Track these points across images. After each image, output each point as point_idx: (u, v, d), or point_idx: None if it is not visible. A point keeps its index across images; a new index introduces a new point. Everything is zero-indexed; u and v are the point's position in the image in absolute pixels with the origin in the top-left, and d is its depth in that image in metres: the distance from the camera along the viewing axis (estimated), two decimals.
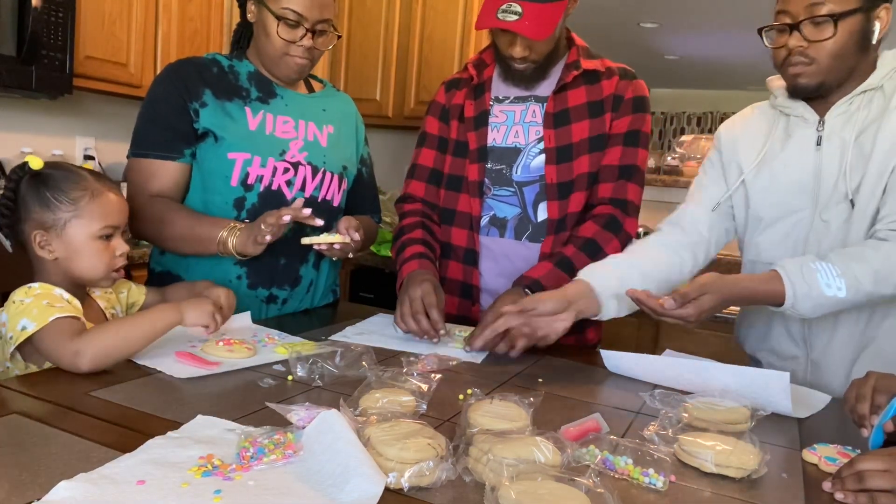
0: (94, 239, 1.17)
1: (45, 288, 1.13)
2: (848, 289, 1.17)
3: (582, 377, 1.28)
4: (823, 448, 0.98)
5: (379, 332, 1.48)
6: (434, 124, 1.69)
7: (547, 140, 1.55)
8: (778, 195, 1.37)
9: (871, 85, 1.28)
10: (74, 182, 1.17)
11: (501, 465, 0.77)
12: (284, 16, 1.44)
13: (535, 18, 1.40)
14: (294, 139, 1.55)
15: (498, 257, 1.60)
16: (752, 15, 5.58)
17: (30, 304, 1.09)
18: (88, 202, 1.17)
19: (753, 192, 1.41)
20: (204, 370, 1.11)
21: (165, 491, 0.72)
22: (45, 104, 2.57)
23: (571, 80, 1.55)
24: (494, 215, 1.61)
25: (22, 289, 1.13)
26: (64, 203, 1.15)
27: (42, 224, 1.15)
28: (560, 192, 1.55)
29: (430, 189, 1.68)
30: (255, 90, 1.53)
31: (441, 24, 3.06)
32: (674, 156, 3.15)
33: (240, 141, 1.48)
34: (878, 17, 1.25)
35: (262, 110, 1.52)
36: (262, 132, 1.51)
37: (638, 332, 2.42)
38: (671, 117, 9.94)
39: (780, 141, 1.39)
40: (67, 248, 1.16)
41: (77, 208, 1.16)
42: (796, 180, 1.35)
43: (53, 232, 1.15)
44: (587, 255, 1.48)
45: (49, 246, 1.16)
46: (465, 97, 1.64)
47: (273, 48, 1.48)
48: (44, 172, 1.17)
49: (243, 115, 1.50)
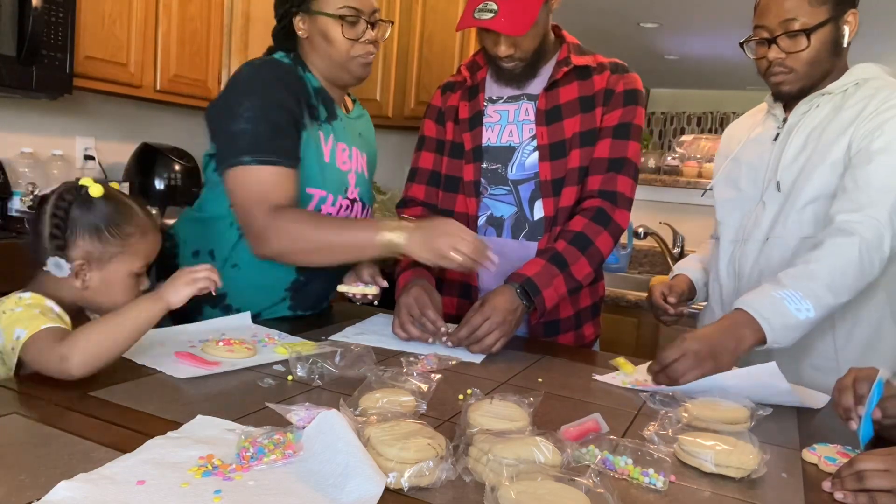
0: (131, 276, 1.17)
1: (36, 298, 1.09)
2: (815, 308, 1.20)
3: (582, 377, 1.28)
4: (823, 448, 0.97)
5: (379, 333, 1.48)
6: (431, 127, 1.70)
7: (539, 137, 1.56)
8: (738, 179, 1.54)
9: (832, 90, 1.39)
10: (128, 218, 1.16)
11: (501, 465, 0.77)
12: (344, 14, 1.41)
13: (510, 14, 1.40)
14: (349, 171, 1.52)
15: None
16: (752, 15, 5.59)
17: (20, 314, 1.04)
18: (137, 240, 1.16)
19: (723, 177, 1.59)
20: (204, 370, 1.11)
21: (165, 491, 0.72)
22: (45, 104, 2.57)
23: (562, 77, 1.55)
24: (491, 215, 1.61)
25: (11, 298, 1.09)
26: (116, 238, 1.14)
27: (88, 254, 1.12)
28: (554, 188, 1.55)
29: (431, 191, 1.69)
30: (323, 108, 1.48)
31: (441, 24, 3.06)
32: (674, 156, 3.14)
33: (316, 175, 1.43)
34: (847, 22, 1.36)
35: (330, 135, 1.48)
36: (334, 165, 1.47)
37: (637, 331, 2.42)
38: (671, 117, 9.95)
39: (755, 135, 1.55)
40: (103, 281, 1.14)
41: (126, 245, 1.15)
42: (754, 167, 1.51)
43: (96, 263, 1.13)
44: (577, 248, 1.47)
45: (85, 276, 1.13)
46: (460, 99, 1.65)
47: (338, 53, 1.44)
48: (97, 201, 1.13)
49: (319, 142, 1.45)
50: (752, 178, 1.51)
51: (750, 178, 1.51)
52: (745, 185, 1.52)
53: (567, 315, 1.63)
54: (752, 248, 1.48)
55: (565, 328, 1.63)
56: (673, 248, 2.91)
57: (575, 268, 1.46)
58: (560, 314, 1.61)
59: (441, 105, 1.70)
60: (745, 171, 1.52)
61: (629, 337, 2.42)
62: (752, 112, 1.64)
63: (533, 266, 1.45)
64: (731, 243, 1.54)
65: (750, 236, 1.48)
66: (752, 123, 1.58)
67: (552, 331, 1.62)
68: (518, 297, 1.40)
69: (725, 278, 1.54)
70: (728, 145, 1.62)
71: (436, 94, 1.73)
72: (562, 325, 1.63)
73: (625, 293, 2.44)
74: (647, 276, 2.91)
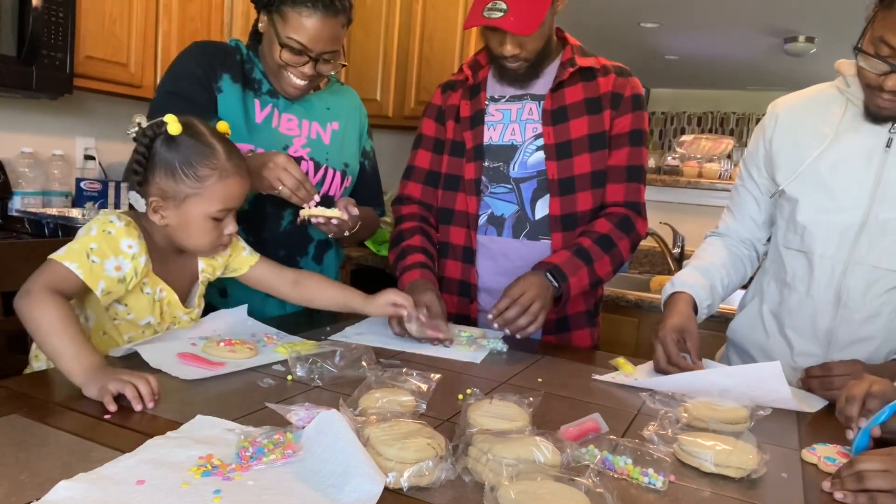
0: (207, 218, 1.18)
1: (119, 232, 1.14)
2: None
3: (582, 377, 1.28)
4: (823, 448, 0.98)
5: (379, 332, 1.48)
6: (430, 126, 1.71)
7: (546, 137, 1.56)
8: (833, 183, 1.33)
9: None
10: (206, 158, 1.16)
11: (501, 464, 0.77)
12: (288, 44, 1.42)
13: (520, 14, 1.42)
14: (297, 136, 1.56)
15: (496, 256, 1.61)
16: (752, 15, 5.60)
17: (85, 240, 1.11)
18: (214, 183, 1.17)
19: (809, 174, 1.36)
20: (209, 371, 1.11)
21: (165, 491, 0.72)
22: (45, 104, 2.57)
23: (568, 78, 1.56)
24: (492, 213, 1.61)
25: (105, 216, 1.15)
26: (190, 178, 1.15)
27: (163, 192, 1.16)
28: (561, 188, 1.56)
29: (427, 190, 1.70)
30: (267, 83, 1.54)
31: (441, 24, 3.06)
32: (674, 156, 3.14)
33: (245, 132, 1.48)
34: None
35: (270, 104, 1.54)
36: (268, 126, 1.52)
37: (637, 331, 2.42)
38: (671, 117, 9.94)
39: (847, 130, 1.34)
40: (180, 220, 1.18)
41: (202, 187, 1.16)
42: (855, 173, 1.31)
43: (171, 202, 1.16)
44: (602, 248, 1.52)
45: (162, 212, 1.17)
46: (461, 98, 1.66)
47: (273, 63, 1.48)
48: (179, 139, 1.15)
49: (252, 106, 1.52)
50: (853, 183, 1.31)
51: (849, 183, 1.32)
52: (841, 188, 1.32)
53: (572, 313, 1.63)
54: (860, 273, 1.32)
55: (573, 327, 1.64)
56: (673, 248, 2.91)
57: (598, 264, 1.51)
58: (567, 311, 1.62)
59: (441, 104, 1.70)
60: (843, 176, 1.32)
61: (629, 337, 2.42)
62: (808, 94, 1.44)
63: (559, 256, 1.50)
64: (827, 260, 1.35)
65: (854, 258, 1.31)
66: (825, 109, 1.37)
67: (557, 330, 1.62)
68: (547, 279, 1.44)
69: (823, 304, 1.36)
70: (792, 134, 1.40)
71: (436, 93, 1.74)
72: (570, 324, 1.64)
73: (625, 293, 2.44)
74: (647, 277, 2.91)
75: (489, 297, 1.62)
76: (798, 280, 1.40)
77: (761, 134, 1.48)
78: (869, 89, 1.26)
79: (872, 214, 1.30)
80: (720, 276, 1.48)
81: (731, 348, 1.58)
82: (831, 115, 1.36)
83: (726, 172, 2.98)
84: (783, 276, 1.43)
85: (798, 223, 1.38)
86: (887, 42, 1.15)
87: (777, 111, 1.46)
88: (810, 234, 1.36)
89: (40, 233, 2.24)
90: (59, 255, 1.10)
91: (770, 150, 1.45)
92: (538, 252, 1.57)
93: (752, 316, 1.50)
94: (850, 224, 1.32)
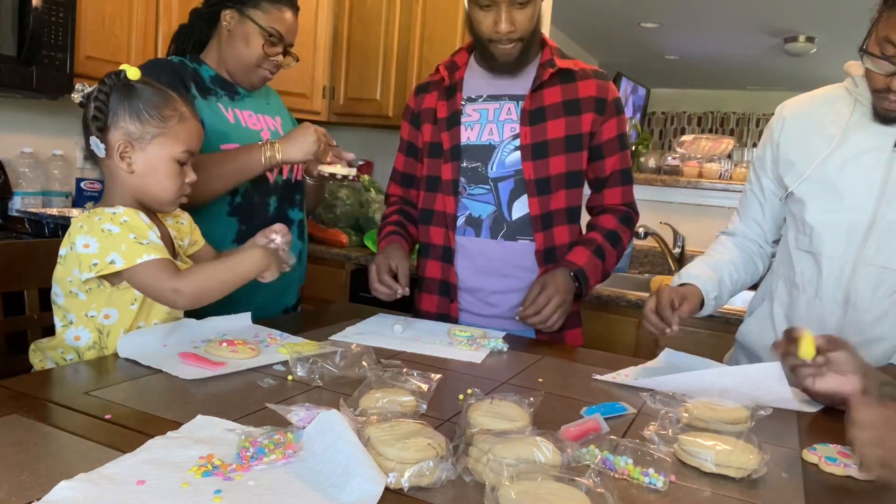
0: (172, 161, 1.22)
1: (131, 214, 1.16)
2: None
3: (582, 377, 1.28)
4: (823, 448, 0.98)
5: (379, 332, 1.48)
6: (405, 129, 1.77)
7: (523, 137, 1.58)
8: (840, 183, 1.32)
9: None
10: (166, 102, 1.22)
11: (501, 465, 0.77)
12: (271, 33, 1.57)
13: None
14: (262, 130, 1.68)
15: (475, 256, 1.63)
16: (753, 15, 5.60)
17: (118, 237, 1.13)
18: (176, 123, 1.22)
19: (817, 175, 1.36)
20: (210, 371, 1.11)
21: (165, 491, 0.72)
22: (45, 104, 2.57)
23: (548, 79, 1.58)
24: (470, 215, 1.63)
25: (107, 213, 1.16)
26: (154, 119, 1.20)
27: (129, 134, 1.19)
28: (539, 188, 1.58)
29: (406, 191, 1.79)
30: (220, 90, 1.64)
31: (441, 24, 3.06)
32: (674, 156, 3.14)
33: (228, 133, 1.59)
34: None
35: (230, 106, 1.64)
36: (239, 124, 1.63)
37: (637, 331, 2.42)
38: (671, 117, 9.94)
39: (855, 129, 1.33)
40: (146, 164, 1.21)
41: (165, 127, 1.21)
42: (863, 173, 1.30)
43: (137, 145, 1.20)
44: (611, 244, 1.62)
45: (129, 158, 1.19)
46: (437, 99, 1.68)
47: (250, 58, 1.59)
48: (137, 85, 1.20)
49: (220, 111, 1.61)
50: (861, 183, 1.30)
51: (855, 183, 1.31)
52: (850, 197, 1.32)
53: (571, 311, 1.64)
54: (868, 273, 1.31)
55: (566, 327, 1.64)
56: (673, 248, 2.91)
57: (607, 262, 1.61)
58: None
59: (415, 107, 1.74)
60: (850, 176, 1.31)
61: (629, 337, 2.42)
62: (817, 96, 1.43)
63: (581, 255, 1.57)
64: (835, 261, 1.34)
65: (862, 258, 1.31)
66: (834, 109, 1.36)
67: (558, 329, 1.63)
68: (572, 280, 1.53)
69: (832, 305, 1.35)
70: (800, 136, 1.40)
71: (410, 96, 1.77)
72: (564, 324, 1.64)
73: (625, 293, 2.44)
74: (647, 277, 2.91)
75: (469, 296, 1.64)
76: (807, 281, 1.39)
77: (769, 137, 1.48)
78: (876, 93, 1.25)
79: (880, 215, 1.29)
80: (728, 270, 1.48)
81: (741, 351, 1.57)
82: (839, 116, 1.36)
83: (726, 172, 2.97)
84: (792, 277, 1.43)
85: (806, 224, 1.37)
86: (893, 42, 1.15)
87: (784, 114, 1.45)
88: (818, 235, 1.35)
89: (40, 233, 2.24)
90: (134, 260, 1.12)
91: (777, 153, 1.44)
92: (516, 252, 1.60)
93: (763, 318, 1.50)
94: (858, 224, 1.31)
